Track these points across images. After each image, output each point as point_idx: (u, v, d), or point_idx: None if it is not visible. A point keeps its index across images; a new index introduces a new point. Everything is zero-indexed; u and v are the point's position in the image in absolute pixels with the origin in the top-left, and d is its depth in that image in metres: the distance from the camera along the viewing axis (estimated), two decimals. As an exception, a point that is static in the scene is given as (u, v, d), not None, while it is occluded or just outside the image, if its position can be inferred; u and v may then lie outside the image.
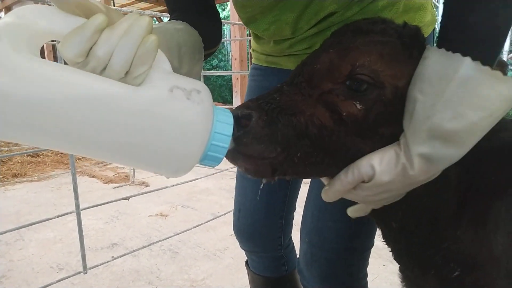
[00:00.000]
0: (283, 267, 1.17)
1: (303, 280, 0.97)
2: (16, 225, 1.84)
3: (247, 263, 1.25)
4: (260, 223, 1.08)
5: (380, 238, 0.70)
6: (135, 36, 0.39)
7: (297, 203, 1.15)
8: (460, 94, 0.45)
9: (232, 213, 1.16)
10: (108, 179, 4.05)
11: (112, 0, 6.23)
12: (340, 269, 0.90)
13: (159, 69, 0.43)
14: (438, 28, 0.53)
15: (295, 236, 1.06)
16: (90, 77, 0.38)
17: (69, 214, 1.94)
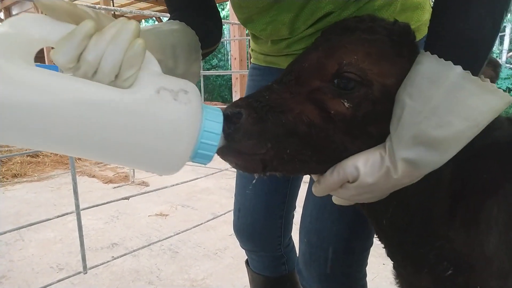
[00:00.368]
0: (283, 267, 1.17)
1: (302, 280, 0.97)
2: (16, 226, 1.84)
3: (247, 263, 1.25)
4: (260, 223, 1.08)
5: (380, 237, 0.70)
6: (123, 40, 0.41)
7: (297, 203, 1.15)
8: (449, 103, 0.46)
9: (232, 213, 1.16)
10: (108, 179, 4.05)
11: (112, 0, 6.22)
12: (339, 269, 0.90)
13: (148, 71, 0.45)
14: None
15: (296, 236, 1.06)
16: (80, 82, 0.40)
17: (69, 214, 1.94)
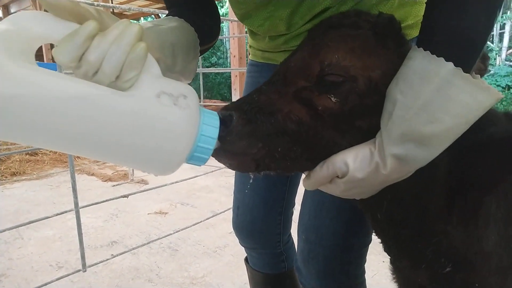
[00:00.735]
0: (283, 264, 1.17)
1: (301, 278, 0.96)
2: (15, 224, 1.83)
3: (247, 260, 1.24)
4: (259, 220, 1.08)
5: (379, 235, 0.70)
6: (126, 43, 0.42)
7: (296, 200, 1.15)
8: (439, 99, 0.46)
9: (232, 210, 1.16)
10: (107, 177, 4.05)
11: (110, -2, 6.20)
12: (337, 266, 0.90)
13: (148, 74, 0.45)
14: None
15: (295, 233, 1.06)
16: (80, 83, 0.41)
17: (69, 213, 1.94)
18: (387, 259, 0.70)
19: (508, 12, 11.48)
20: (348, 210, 0.86)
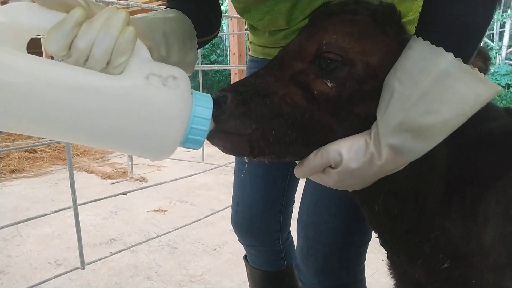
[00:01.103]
0: (282, 261, 1.17)
1: (300, 275, 0.96)
2: (14, 221, 1.83)
3: (246, 258, 1.24)
4: (258, 217, 1.08)
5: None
6: (114, 28, 0.42)
7: (296, 199, 1.14)
8: (438, 90, 0.45)
9: (231, 208, 1.15)
10: (106, 175, 4.04)
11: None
12: (336, 264, 0.89)
13: (138, 58, 0.45)
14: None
15: (295, 231, 1.06)
16: (70, 69, 0.41)
17: (68, 210, 1.93)
18: (387, 257, 0.70)
19: (509, 11, 11.47)
20: (348, 207, 0.85)
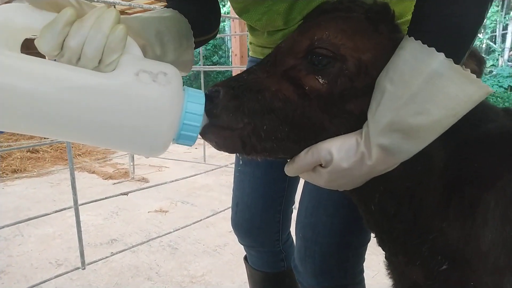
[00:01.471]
0: (282, 263, 1.16)
1: (298, 276, 0.96)
2: (15, 221, 1.83)
3: (246, 259, 1.24)
4: (258, 217, 1.07)
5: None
6: (104, 26, 0.43)
7: (296, 200, 1.14)
8: (429, 90, 0.45)
9: (231, 209, 1.15)
10: (108, 175, 4.05)
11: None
12: (335, 265, 0.89)
13: (130, 56, 0.46)
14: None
15: (294, 232, 1.06)
16: (62, 68, 0.42)
17: (69, 210, 1.94)
18: (388, 259, 0.70)
19: (511, 13, 11.44)
20: (346, 207, 0.85)
